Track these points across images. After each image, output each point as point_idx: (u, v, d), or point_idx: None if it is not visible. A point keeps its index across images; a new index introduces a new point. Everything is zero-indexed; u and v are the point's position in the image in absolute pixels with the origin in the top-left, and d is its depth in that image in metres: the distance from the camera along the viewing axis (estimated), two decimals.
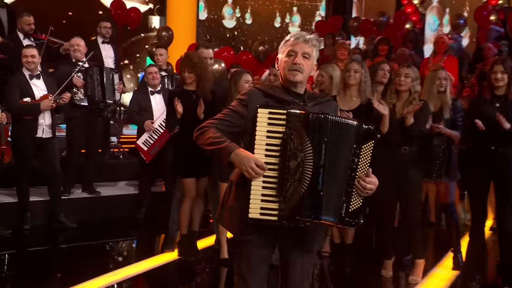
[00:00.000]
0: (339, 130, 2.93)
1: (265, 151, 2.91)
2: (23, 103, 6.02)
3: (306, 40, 3.08)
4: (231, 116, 3.08)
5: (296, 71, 3.04)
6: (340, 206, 2.95)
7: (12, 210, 6.36)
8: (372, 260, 5.67)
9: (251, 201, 2.89)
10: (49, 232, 6.32)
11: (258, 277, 3.13)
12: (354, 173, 2.94)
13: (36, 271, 5.29)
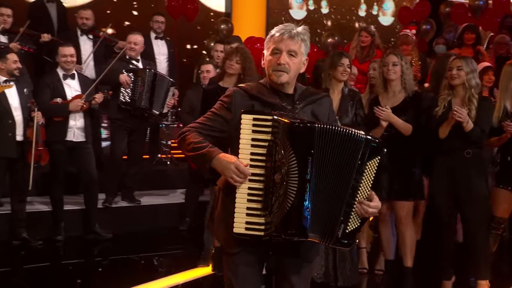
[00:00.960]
0: (330, 140, 2.79)
1: (250, 160, 2.80)
2: (53, 103, 5.86)
3: (291, 36, 2.93)
4: (213, 120, 3.00)
5: (281, 72, 2.92)
6: (336, 226, 2.83)
7: (46, 220, 6.26)
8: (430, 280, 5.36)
9: (236, 214, 2.81)
10: (84, 243, 6.18)
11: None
12: (355, 192, 2.81)
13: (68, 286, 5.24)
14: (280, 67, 2.94)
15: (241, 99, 2.99)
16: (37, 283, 5.36)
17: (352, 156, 2.85)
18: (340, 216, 2.85)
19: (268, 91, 2.99)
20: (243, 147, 2.84)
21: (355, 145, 2.84)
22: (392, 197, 5.17)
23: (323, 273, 5.18)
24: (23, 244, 6.04)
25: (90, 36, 7.31)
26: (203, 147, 2.90)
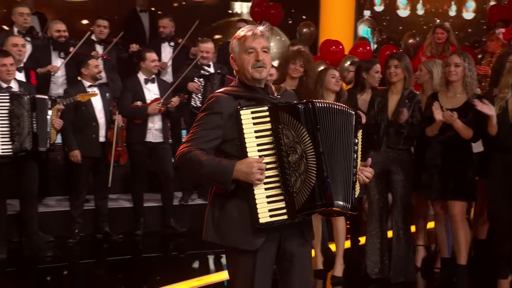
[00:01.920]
0: (329, 114, 3.02)
1: (258, 152, 2.94)
2: (134, 106, 6.24)
3: (262, 35, 3.14)
4: (207, 131, 3.06)
5: (261, 68, 3.09)
6: (349, 193, 3.02)
7: (127, 215, 6.67)
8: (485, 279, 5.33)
9: (259, 206, 2.90)
10: (161, 238, 6.50)
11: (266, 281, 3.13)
12: (356, 161, 3.05)
13: (148, 277, 5.52)
14: (260, 63, 3.11)
15: (226, 102, 3.10)
16: (118, 274, 5.77)
17: (349, 128, 3.08)
18: (351, 183, 3.05)
19: (246, 88, 3.14)
20: (249, 141, 2.97)
21: (349, 118, 3.08)
22: (446, 197, 5.22)
23: (379, 270, 5.35)
24: (106, 237, 6.45)
25: (171, 43, 7.70)
26: (214, 164, 2.98)
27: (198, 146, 3.05)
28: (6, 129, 5.51)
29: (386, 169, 5.29)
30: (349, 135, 3.10)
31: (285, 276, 3.24)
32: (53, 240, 6.30)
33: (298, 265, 3.22)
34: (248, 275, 3.12)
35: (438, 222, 5.48)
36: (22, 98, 5.54)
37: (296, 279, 3.22)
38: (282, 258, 3.20)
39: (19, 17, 6.95)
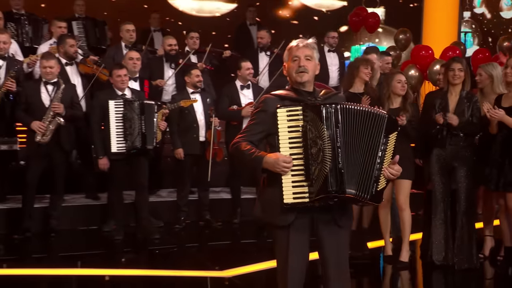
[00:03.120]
0: (353, 115, 3.30)
1: (289, 144, 3.30)
2: (230, 110, 6.84)
3: (305, 45, 3.48)
4: (254, 125, 3.48)
5: (302, 72, 3.43)
6: (370, 185, 3.31)
7: (226, 206, 7.31)
8: None
9: (284, 189, 3.27)
10: (256, 226, 6.85)
11: (300, 254, 3.45)
12: (383, 158, 3.31)
13: (246, 262, 5.84)
14: (301, 68, 3.45)
15: (272, 102, 3.46)
16: (218, 257, 6.16)
17: (376, 129, 3.35)
18: (372, 177, 3.33)
19: (293, 91, 3.50)
20: (282, 135, 3.32)
21: (379, 121, 3.35)
22: (502, 189, 5.44)
23: (443, 257, 5.59)
24: (207, 224, 7.10)
25: (267, 53, 8.26)
26: (251, 154, 3.38)
27: (247, 138, 3.47)
28: (120, 130, 6.25)
29: (449, 165, 5.57)
30: (375, 135, 3.36)
31: (320, 253, 3.54)
32: (162, 225, 7.01)
33: (329, 245, 3.50)
34: (284, 248, 3.47)
35: (501, 212, 5.67)
36: (133, 104, 6.26)
37: (329, 257, 3.51)
38: (316, 237, 3.50)
39: (126, 33, 7.74)
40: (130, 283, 5.56)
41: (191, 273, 5.66)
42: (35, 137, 6.21)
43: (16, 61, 6.81)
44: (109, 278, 5.54)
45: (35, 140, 6.21)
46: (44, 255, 6.30)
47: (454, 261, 5.55)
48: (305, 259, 3.53)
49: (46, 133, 6.22)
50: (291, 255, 3.46)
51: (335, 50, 8.63)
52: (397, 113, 5.45)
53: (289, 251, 3.45)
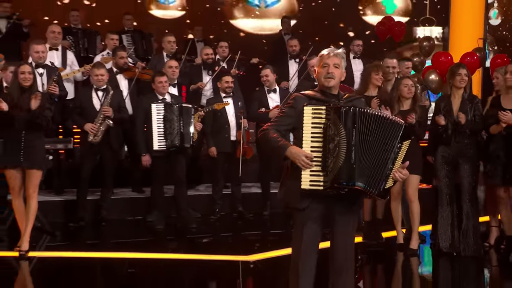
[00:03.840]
0: (369, 119, 3.56)
1: (311, 138, 3.59)
2: (259, 112, 7.30)
3: (335, 54, 3.77)
4: (283, 118, 3.78)
5: (330, 78, 3.74)
6: (380, 181, 3.57)
7: (257, 199, 7.76)
8: None
9: (303, 176, 3.58)
10: (285, 217, 7.14)
11: (312, 237, 3.77)
12: (394, 161, 3.57)
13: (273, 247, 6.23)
14: (329, 74, 3.73)
15: (301, 100, 3.71)
16: (250, 246, 6.36)
17: (394, 136, 3.58)
18: (383, 175, 3.56)
19: (320, 93, 3.77)
20: (306, 130, 3.57)
21: (396, 128, 3.59)
22: (507, 183, 5.75)
23: (449, 244, 5.89)
24: (240, 216, 7.53)
25: (296, 60, 8.73)
26: (278, 142, 3.65)
27: (274, 128, 3.74)
28: (161, 130, 6.78)
29: (455, 161, 5.92)
30: (390, 140, 3.58)
31: (331, 235, 3.83)
32: (200, 216, 7.46)
33: (339, 229, 3.79)
34: (300, 228, 3.76)
35: (502, 204, 5.97)
36: (172, 107, 6.81)
37: (337, 239, 3.80)
38: (328, 221, 3.78)
39: (167, 44, 8.28)
40: (171, 264, 5.92)
41: (223, 257, 6.04)
42: (87, 137, 6.75)
43: (54, 68, 7.29)
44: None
45: (88, 140, 6.75)
46: (96, 241, 6.72)
47: (460, 248, 5.89)
48: (317, 237, 3.80)
49: (97, 134, 6.76)
50: (305, 233, 3.75)
51: (360, 56, 8.98)
52: (406, 114, 5.79)
53: (304, 229, 3.75)
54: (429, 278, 5.79)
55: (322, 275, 3.90)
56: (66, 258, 6.04)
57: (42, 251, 6.13)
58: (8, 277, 5.48)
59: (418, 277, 5.75)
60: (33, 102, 5.61)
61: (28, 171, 5.73)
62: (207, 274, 5.71)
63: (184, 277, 5.68)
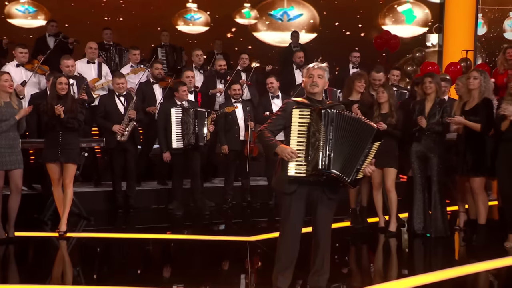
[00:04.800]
0: (343, 119, 3.94)
1: (297, 134, 3.98)
2: (264, 115, 7.69)
3: (319, 67, 4.19)
4: (276, 119, 4.16)
5: (314, 86, 4.15)
6: (352, 172, 3.96)
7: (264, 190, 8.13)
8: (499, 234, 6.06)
9: (289, 166, 3.98)
10: None
11: (297, 216, 4.13)
12: (365, 158, 3.97)
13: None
14: (314, 83, 4.12)
15: (291, 104, 4.08)
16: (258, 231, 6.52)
17: (367, 136, 3.93)
18: (355, 168, 3.94)
19: (307, 99, 4.13)
20: (294, 128, 3.96)
21: (369, 131, 3.96)
22: (468, 174, 6.07)
23: (422, 227, 6.23)
24: (248, 205, 7.95)
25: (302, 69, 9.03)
26: (270, 141, 4.04)
27: (269, 128, 4.12)
28: (179, 131, 7.24)
29: (425, 156, 6.26)
30: (363, 139, 3.93)
31: (313, 217, 4.20)
32: (214, 205, 7.80)
33: (320, 213, 4.15)
34: (287, 208, 4.12)
35: (466, 192, 6.33)
36: (188, 111, 7.27)
37: (318, 221, 4.18)
38: (310, 206, 4.14)
39: (195, 57, 8.80)
40: (189, 244, 6.35)
41: (233, 238, 6.47)
42: (116, 137, 7.22)
43: (82, 78, 7.79)
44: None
45: (117, 139, 7.22)
46: (125, 226, 7.12)
47: (430, 230, 6.26)
48: (301, 217, 4.15)
49: (124, 134, 7.25)
50: (292, 212, 4.11)
51: (358, 66, 9.37)
52: (386, 117, 6.25)
53: (291, 210, 4.12)
54: (405, 255, 6.14)
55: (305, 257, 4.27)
56: (98, 238, 6.48)
57: (79, 233, 6.62)
58: (51, 253, 6.01)
59: (396, 254, 6.09)
60: (58, 110, 6.05)
61: (65, 165, 6.28)
62: (219, 252, 6.06)
63: (199, 254, 6.07)
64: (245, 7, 13.06)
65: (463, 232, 6.51)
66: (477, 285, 5.26)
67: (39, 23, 12.07)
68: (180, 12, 13.22)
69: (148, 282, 4.89)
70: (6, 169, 5.88)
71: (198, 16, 13.05)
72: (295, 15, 10.89)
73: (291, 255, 4.23)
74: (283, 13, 9.79)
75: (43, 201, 7.14)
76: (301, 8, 10.39)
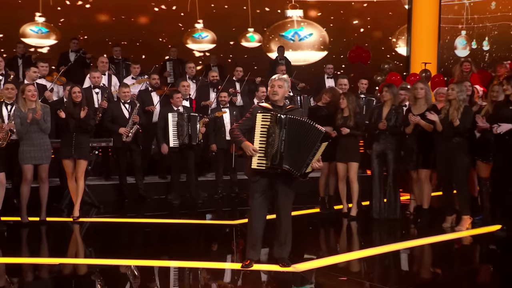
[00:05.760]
0: (296, 124, 4.37)
1: (260, 134, 4.44)
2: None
3: (279, 78, 4.60)
4: (245, 121, 4.62)
5: (274, 94, 4.57)
6: (302, 167, 4.39)
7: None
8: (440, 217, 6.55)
9: (252, 160, 4.49)
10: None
11: (260, 200, 4.64)
12: (314, 156, 4.40)
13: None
14: (274, 92, 4.52)
15: (257, 109, 4.50)
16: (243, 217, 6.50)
17: (315, 138, 4.32)
18: (304, 163, 4.37)
19: (271, 104, 4.54)
20: (257, 129, 4.39)
21: (318, 133, 4.35)
22: (416, 167, 6.57)
23: (378, 212, 6.72)
24: (236, 195, 8.32)
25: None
26: (238, 137, 4.51)
27: (239, 127, 4.57)
28: (175, 132, 7.73)
29: (383, 153, 6.76)
30: (313, 140, 4.30)
31: (275, 203, 4.66)
32: (206, 196, 8.25)
33: (281, 199, 4.61)
34: (253, 193, 4.62)
35: (415, 183, 6.81)
36: (183, 115, 7.79)
37: (279, 205, 4.65)
38: (274, 193, 4.61)
39: (188, 69, 9.34)
40: (185, 228, 6.68)
41: (222, 222, 6.86)
42: (122, 138, 7.72)
43: (105, 88, 8.35)
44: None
45: (122, 140, 7.72)
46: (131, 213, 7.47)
47: (385, 215, 6.78)
48: (265, 201, 4.65)
49: (129, 135, 7.77)
50: (256, 197, 4.62)
51: (332, 76, 9.94)
52: (346, 120, 6.74)
53: (255, 195, 4.63)
54: (362, 234, 6.59)
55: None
56: (106, 222, 6.98)
57: (91, 218, 7.12)
58: (66, 234, 6.54)
59: (357, 234, 6.60)
60: (82, 113, 6.73)
61: (77, 161, 6.84)
62: (210, 234, 6.54)
63: (193, 236, 6.50)
64: (249, 31, 13.47)
65: (412, 215, 7.01)
66: (420, 255, 5.75)
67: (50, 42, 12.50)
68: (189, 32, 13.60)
69: (150, 257, 5.28)
70: (34, 164, 6.44)
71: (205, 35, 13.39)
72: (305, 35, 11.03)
73: (256, 233, 4.72)
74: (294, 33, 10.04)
75: (60, 193, 7.67)
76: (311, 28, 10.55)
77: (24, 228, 6.48)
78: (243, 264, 4.80)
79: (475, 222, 6.38)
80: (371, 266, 5.28)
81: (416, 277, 5.04)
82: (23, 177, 6.47)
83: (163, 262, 5.25)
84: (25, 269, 5.18)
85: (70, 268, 5.18)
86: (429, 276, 5.13)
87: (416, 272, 5.27)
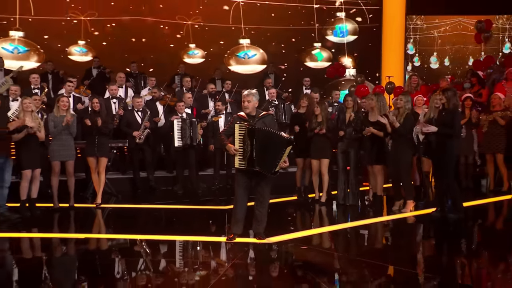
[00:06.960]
0: (263, 133, 4.80)
1: (238, 141, 4.92)
2: None
3: (248, 94, 5.00)
4: (228, 129, 5.10)
5: (246, 108, 4.99)
6: (272, 167, 4.84)
7: None
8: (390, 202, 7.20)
9: (235, 160, 5.01)
10: None
11: (242, 189, 5.13)
12: (281, 157, 4.84)
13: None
14: (245, 105, 4.93)
15: (236, 119, 4.95)
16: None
17: (281, 144, 4.77)
18: (273, 165, 4.80)
19: (246, 115, 4.96)
20: (236, 136, 4.89)
21: (283, 140, 4.77)
22: (372, 163, 7.12)
23: (342, 199, 7.29)
24: (231, 187, 8.41)
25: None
26: (223, 140, 5.01)
27: (225, 133, 5.06)
28: (179, 134, 8.31)
29: (346, 151, 7.35)
30: (279, 146, 4.70)
31: (255, 190, 5.10)
32: (205, 187, 8.80)
33: (259, 187, 5.05)
34: (237, 183, 5.10)
35: (371, 175, 7.39)
36: (186, 120, 8.39)
37: (258, 191, 5.09)
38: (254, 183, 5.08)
39: (185, 82, 9.83)
40: (186, 212, 7.15)
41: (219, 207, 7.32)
42: (135, 139, 8.33)
43: (122, 98, 8.93)
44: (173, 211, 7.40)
45: (136, 141, 8.33)
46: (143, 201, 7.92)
47: (348, 201, 7.37)
48: (246, 190, 5.10)
49: (141, 138, 8.39)
50: (239, 188, 5.11)
51: (309, 87, 10.49)
52: (320, 125, 7.25)
53: (240, 182, 5.10)
54: (330, 217, 7.11)
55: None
56: (124, 207, 7.60)
57: (110, 204, 7.67)
58: (90, 217, 7.10)
59: (325, 216, 7.15)
60: (99, 121, 7.31)
61: (99, 158, 7.49)
62: (208, 216, 6.97)
63: (195, 218, 6.94)
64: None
65: (369, 201, 7.62)
66: (374, 231, 6.28)
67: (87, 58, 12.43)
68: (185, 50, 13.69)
69: (159, 234, 5.84)
70: (61, 160, 7.14)
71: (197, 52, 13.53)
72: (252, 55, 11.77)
73: (239, 212, 5.28)
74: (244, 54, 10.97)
75: (86, 184, 8.32)
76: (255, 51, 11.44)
77: (56, 213, 7.17)
78: (227, 237, 5.37)
79: (418, 205, 7.02)
80: (333, 240, 5.87)
81: (370, 248, 5.53)
82: (52, 171, 7.16)
83: (170, 237, 5.76)
84: (57, 243, 5.83)
85: (94, 242, 5.88)
86: (381, 247, 5.66)
87: (371, 244, 5.79)
